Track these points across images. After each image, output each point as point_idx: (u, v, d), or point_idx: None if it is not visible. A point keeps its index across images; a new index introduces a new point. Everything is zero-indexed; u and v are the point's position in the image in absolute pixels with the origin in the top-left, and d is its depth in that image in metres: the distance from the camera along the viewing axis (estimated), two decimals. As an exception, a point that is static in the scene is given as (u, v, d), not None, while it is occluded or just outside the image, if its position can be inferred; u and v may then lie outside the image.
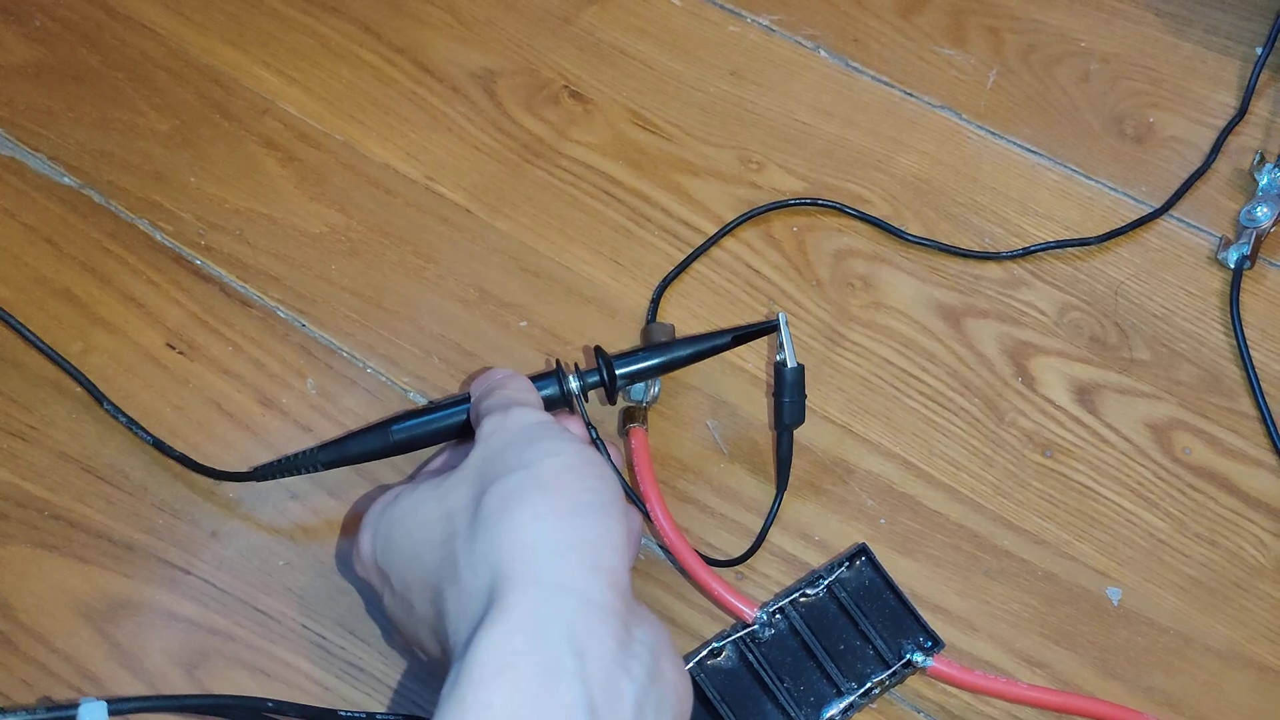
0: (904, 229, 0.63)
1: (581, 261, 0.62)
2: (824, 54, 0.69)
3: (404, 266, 0.62)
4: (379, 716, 0.50)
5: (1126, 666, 0.53)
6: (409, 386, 0.59)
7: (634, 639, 0.40)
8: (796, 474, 0.56)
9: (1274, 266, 0.63)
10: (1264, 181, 0.64)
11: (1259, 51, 0.69)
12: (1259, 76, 0.68)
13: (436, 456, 0.54)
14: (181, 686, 0.51)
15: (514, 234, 0.63)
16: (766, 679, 0.50)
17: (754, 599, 0.52)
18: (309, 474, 0.54)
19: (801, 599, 0.52)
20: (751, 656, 0.51)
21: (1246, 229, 0.63)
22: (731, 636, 0.51)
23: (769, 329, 0.55)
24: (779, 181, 0.65)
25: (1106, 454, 0.58)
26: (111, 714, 0.44)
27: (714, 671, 0.51)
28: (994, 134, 0.67)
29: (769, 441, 0.57)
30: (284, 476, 0.53)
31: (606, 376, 0.53)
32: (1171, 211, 0.65)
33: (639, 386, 0.56)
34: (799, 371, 0.55)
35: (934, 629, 0.52)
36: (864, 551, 0.54)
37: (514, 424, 0.46)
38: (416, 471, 0.55)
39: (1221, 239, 0.63)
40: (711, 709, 0.50)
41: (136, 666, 0.51)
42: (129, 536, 0.54)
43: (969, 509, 0.56)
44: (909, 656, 0.51)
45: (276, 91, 0.67)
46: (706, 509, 0.56)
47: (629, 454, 0.55)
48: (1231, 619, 0.54)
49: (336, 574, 0.54)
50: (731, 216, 0.63)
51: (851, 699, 0.50)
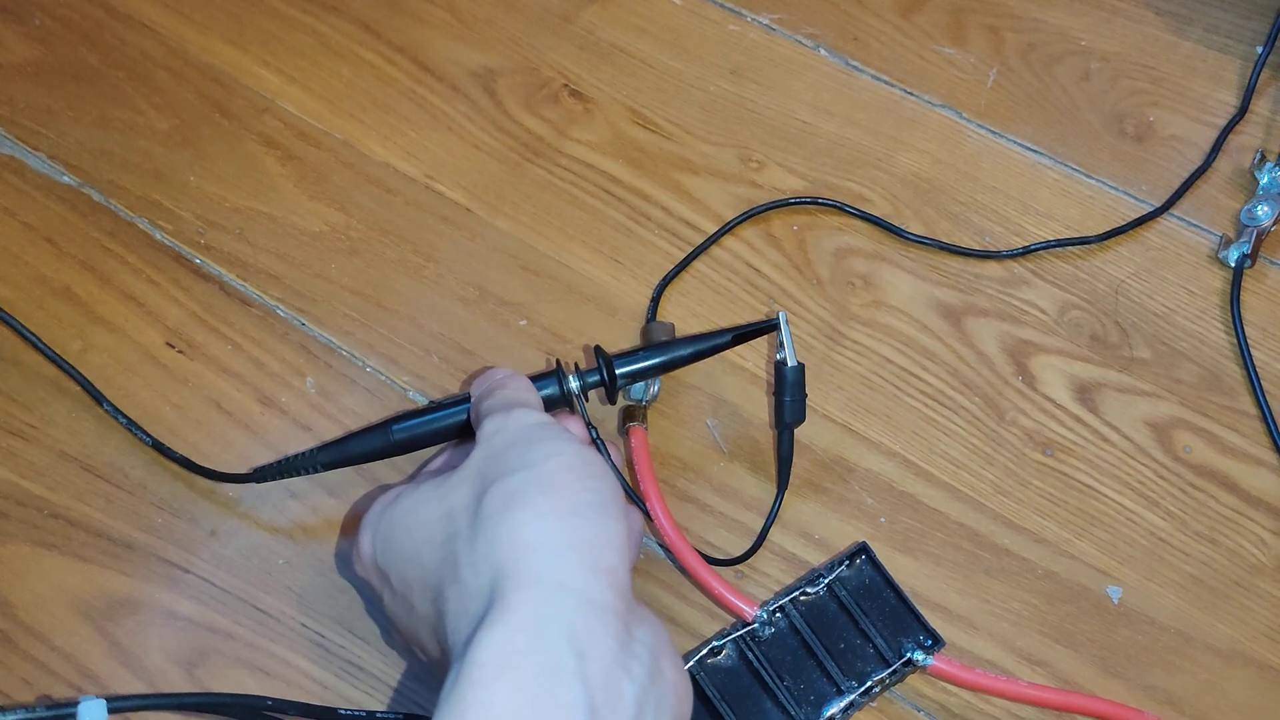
0: (904, 228, 0.63)
1: (581, 260, 0.62)
2: (824, 53, 0.69)
3: (404, 265, 0.62)
4: (378, 715, 0.50)
5: (1127, 665, 0.53)
6: (409, 385, 0.59)
7: (634, 639, 0.40)
8: (797, 473, 0.56)
9: (1275, 265, 0.63)
10: (1264, 180, 0.64)
11: (1259, 50, 0.69)
12: (1259, 75, 0.68)
13: (437, 456, 0.54)
14: (181, 685, 0.51)
15: (514, 233, 0.63)
16: (767, 678, 0.50)
17: (754, 598, 0.52)
18: (309, 475, 0.54)
19: (802, 597, 0.52)
20: (752, 655, 0.51)
21: (1247, 228, 0.63)
22: (732, 635, 0.51)
23: (769, 328, 0.55)
24: (779, 180, 0.65)
25: (1107, 453, 0.58)
26: (111, 712, 0.44)
27: (714, 670, 0.51)
28: (994, 133, 0.67)
29: (769, 440, 0.57)
30: (284, 478, 0.53)
31: (606, 376, 0.53)
32: (1172, 210, 0.65)
33: (639, 385, 0.56)
34: (799, 370, 0.55)
35: (934, 627, 0.52)
36: (864, 550, 0.53)
37: (515, 424, 0.46)
38: (417, 471, 0.55)
39: (1222, 238, 0.63)
40: (712, 708, 0.50)
41: (136, 665, 0.51)
42: (128, 535, 0.54)
43: (969, 507, 0.56)
44: (909, 655, 0.51)
45: (276, 90, 0.67)
46: (706, 508, 0.56)
47: (629, 453, 0.55)
48: (1232, 617, 0.54)
49: (336, 573, 0.54)
50: (732, 215, 0.63)
51: (852, 697, 0.50)
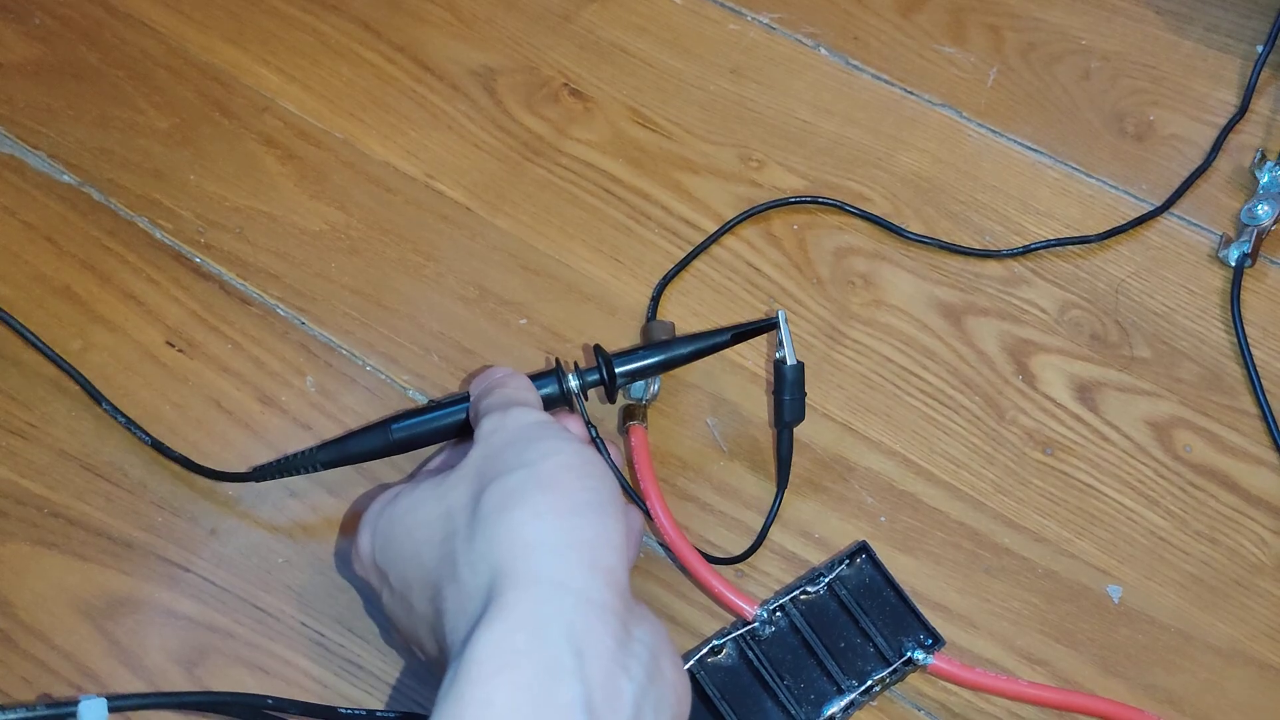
0: (904, 227, 0.63)
1: (581, 259, 0.62)
2: (824, 52, 0.69)
3: (404, 264, 0.62)
4: (378, 714, 0.50)
5: (1127, 664, 0.53)
6: (408, 384, 0.58)
7: (633, 638, 0.40)
8: (797, 472, 0.56)
9: (1275, 264, 0.63)
10: (1265, 179, 0.64)
11: (1260, 49, 0.69)
12: (1260, 74, 0.68)
13: (436, 455, 0.54)
14: (181, 684, 0.51)
15: (514, 232, 0.63)
16: (767, 677, 0.50)
17: (754, 597, 0.52)
18: (309, 474, 0.54)
19: (802, 597, 0.52)
20: (752, 654, 0.51)
21: (1247, 227, 0.63)
22: (732, 634, 0.51)
23: (769, 326, 0.55)
24: (779, 179, 0.65)
25: (1107, 452, 0.58)
26: (111, 711, 0.44)
27: (714, 669, 0.51)
28: (994, 132, 0.67)
29: (769, 439, 0.57)
30: (283, 476, 0.53)
31: (606, 375, 0.53)
32: (1172, 209, 0.65)
33: (639, 384, 0.56)
34: (799, 369, 0.55)
35: (934, 626, 0.52)
36: (864, 549, 0.53)
37: (514, 423, 0.46)
38: (416, 470, 0.55)
39: (1222, 237, 0.63)
40: (712, 707, 0.50)
41: (136, 664, 0.51)
42: (128, 534, 0.54)
43: (969, 507, 0.56)
44: (909, 654, 0.51)
45: (276, 89, 0.67)
46: (706, 507, 0.56)
47: (629, 452, 0.55)
48: (1232, 617, 0.54)
49: (335, 572, 0.54)
50: (732, 214, 0.63)
51: (852, 696, 0.50)
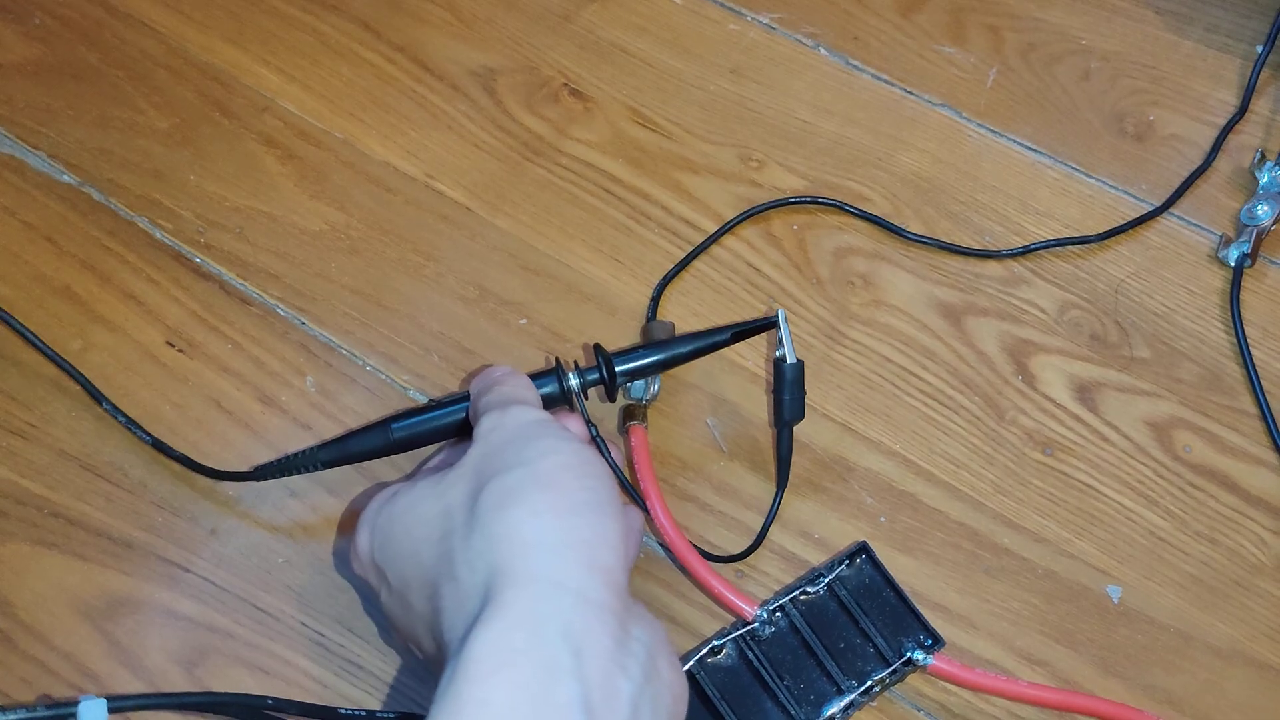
0: (904, 227, 0.63)
1: (581, 259, 0.62)
2: (824, 52, 0.69)
3: (404, 264, 0.62)
4: (378, 714, 0.50)
5: (1127, 664, 0.53)
6: (408, 384, 0.58)
7: (631, 637, 0.40)
8: (796, 472, 0.56)
9: (1274, 265, 0.63)
10: (1264, 180, 0.64)
11: (1259, 49, 0.69)
12: (1259, 74, 0.68)
13: (436, 454, 0.54)
14: (181, 684, 0.51)
15: (514, 232, 0.63)
16: (767, 677, 0.50)
17: (754, 597, 0.52)
18: (309, 473, 0.54)
19: (802, 597, 0.52)
20: (752, 654, 0.51)
21: (1247, 227, 0.63)
22: (732, 634, 0.51)
23: (768, 325, 0.55)
24: (779, 179, 0.65)
25: (1107, 452, 0.58)
26: (111, 712, 0.45)
27: (714, 670, 0.51)
28: (994, 132, 0.67)
29: (769, 439, 0.57)
30: (284, 476, 0.53)
31: (606, 374, 0.53)
32: (1172, 210, 0.65)
33: (639, 385, 0.56)
34: (798, 368, 0.55)
35: (934, 627, 0.52)
36: (864, 549, 0.53)
37: (512, 421, 0.46)
38: (416, 469, 0.55)
39: (1222, 237, 0.63)
40: (712, 707, 0.50)
41: (136, 664, 0.51)
42: (128, 534, 0.54)
43: (969, 507, 0.56)
44: (909, 654, 0.51)
45: (276, 89, 0.67)
46: (706, 507, 0.56)
47: (629, 452, 0.55)
48: (1232, 617, 0.54)
49: (335, 572, 0.54)
50: (732, 214, 0.63)
51: (852, 697, 0.50)
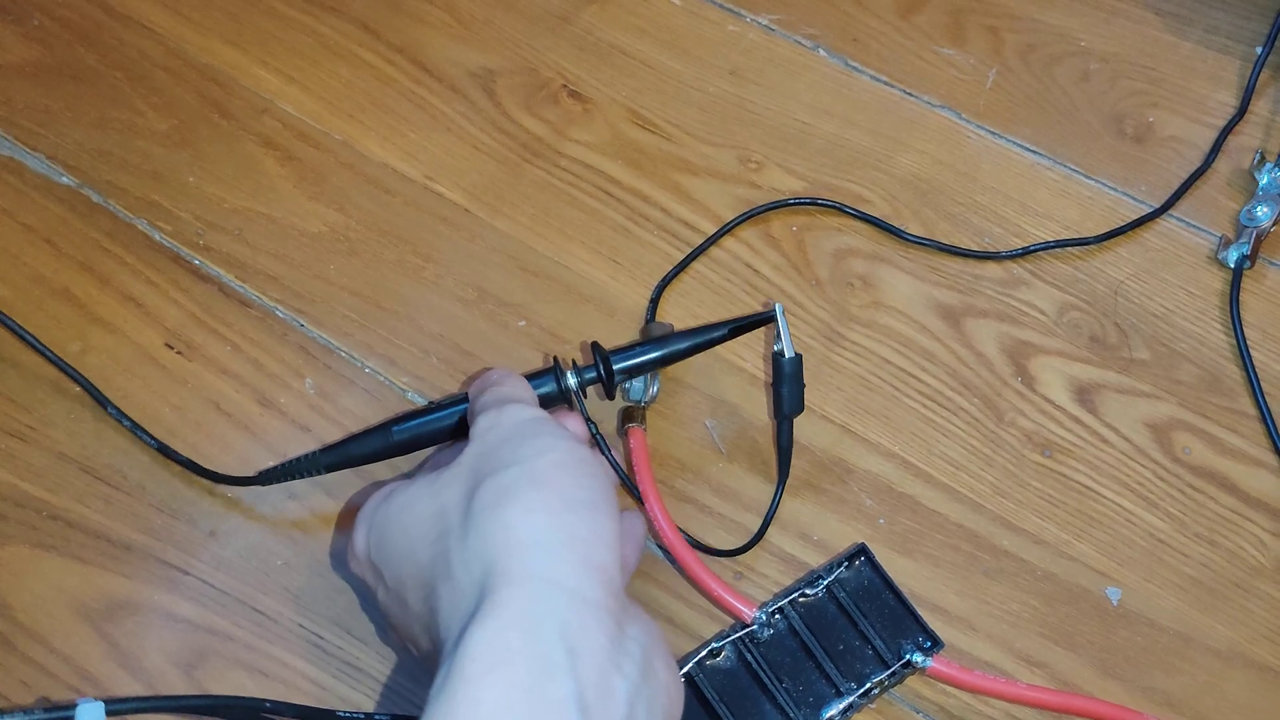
0: (903, 229, 0.63)
1: (581, 261, 0.62)
2: (823, 53, 0.69)
3: (403, 266, 0.62)
4: (376, 716, 0.50)
5: (1126, 666, 0.53)
6: (408, 386, 0.58)
7: (626, 637, 0.40)
8: (796, 474, 0.56)
9: (1274, 266, 0.63)
10: (1264, 181, 0.64)
11: (1259, 51, 0.69)
12: (1259, 76, 0.68)
13: (433, 455, 0.54)
14: (179, 687, 0.51)
15: (513, 233, 0.63)
16: (765, 679, 0.50)
17: (753, 599, 0.52)
18: (311, 477, 0.53)
19: (800, 599, 0.52)
20: (750, 657, 0.51)
21: (1246, 228, 0.63)
22: (730, 637, 0.51)
23: (765, 319, 0.55)
24: (778, 181, 0.65)
25: (1106, 454, 0.58)
26: (110, 714, 0.45)
27: (713, 672, 0.51)
28: (993, 133, 0.67)
29: (768, 441, 0.57)
30: (287, 480, 0.53)
31: (604, 371, 0.53)
32: (1171, 211, 0.65)
33: (638, 386, 0.56)
34: (797, 361, 0.55)
35: (933, 629, 0.52)
36: (863, 551, 0.53)
37: (508, 420, 0.46)
38: (414, 468, 0.55)
39: (1221, 238, 0.63)
40: (710, 709, 0.50)
41: (135, 667, 0.51)
42: (127, 537, 0.54)
43: (968, 509, 0.56)
44: (908, 656, 0.51)
45: (275, 91, 0.67)
46: (705, 508, 0.56)
47: (628, 454, 0.55)
48: (1231, 619, 0.54)
49: (334, 574, 0.54)
50: (731, 216, 0.63)
51: (851, 699, 0.50)
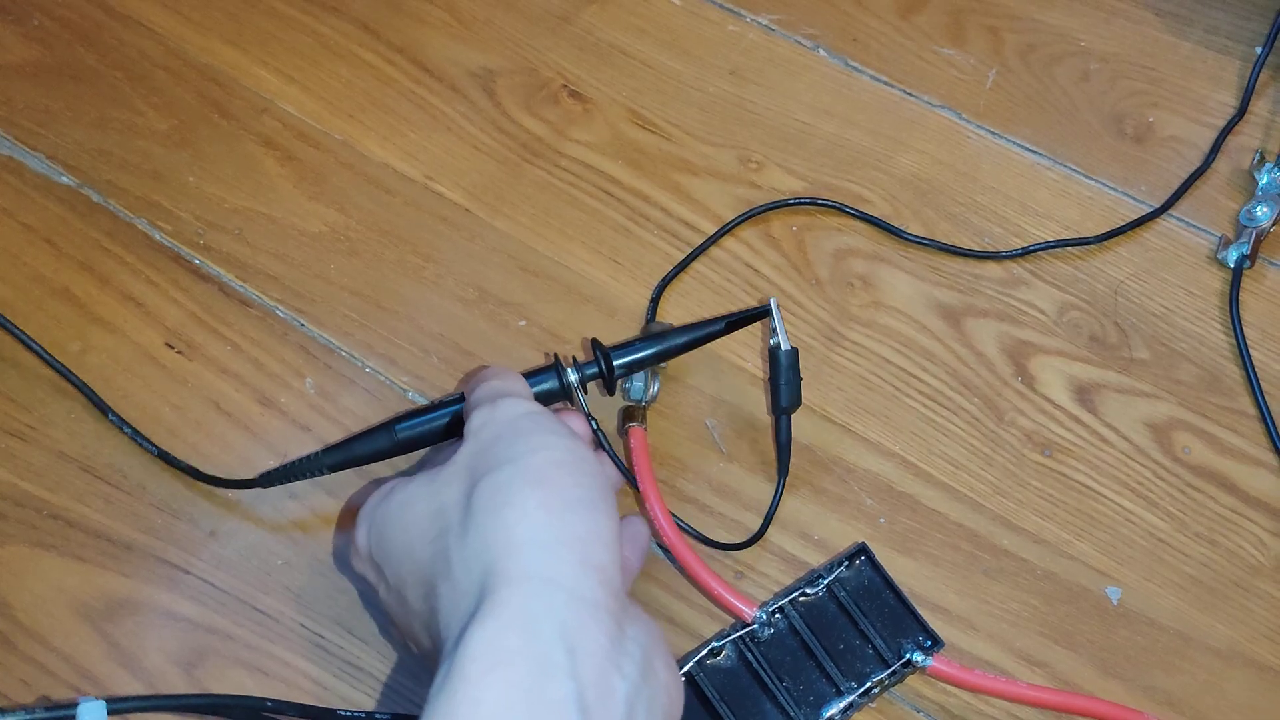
0: (904, 228, 0.63)
1: (581, 261, 0.62)
2: (824, 53, 0.69)
3: (403, 266, 0.62)
4: (377, 715, 0.50)
5: (1126, 666, 0.53)
6: (408, 386, 0.58)
7: (626, 636, 0.40)
8: (796, 473, 0.56)
9: (1274, 266, 0.63)
10: (1264, 181, 0.64)
11: (1259, 51, 0.69)
12: (1259, 76, 0.68)
13: (431, 451, 0.54)
14: (180, 686, 0.51)
15: (513, 233, 0.63)
16: (766, 678, 0.50)
17: (753, 598, 0.52)
18: (314, 478, 0.53)
19: (801, 598, 0.52)
20: (751, 656, 0.51)
21: (1246, 228, 0.63)
22: (731, 636, 0.51)
23: (761, 314, 0.55)
24: (778, 181, 0.65)
25: (1106, 453, 0.58)
26: (110, 713, 0.45)
27: (713, 671, 0.51)
28: (993, 133, 0.67)
29: (769, 440, 0.57)
30: (290, 481, 0.53)
31: (604, 367, 0.53)
32: (1171, 211, 0.65)
33: (638, 386, 0.56)
34: (793, 354, 0.55)
35: (933, 628, 0.52)
36: (863, 551, 0.53)
37: (502, 415, 0.45)
38: (413, 466, 0.55)
39: (1221, 238, 0.63)
40: (711, 708, 0.50)
41: (135, 666, 0.51)
42: (127, 536, 0.54)
43: (968, 508, 0.56)
44: (909, 656, 0.51)
45: (275, 91, 0.67)
46: (706, 508, 0.56)
47: (628, 453, 0.55)
48: (1231, 618, 0.54)
49: (335, 573, 0.54)
50: (731, 216, 0.63)
51: (851, 698, 0.50)
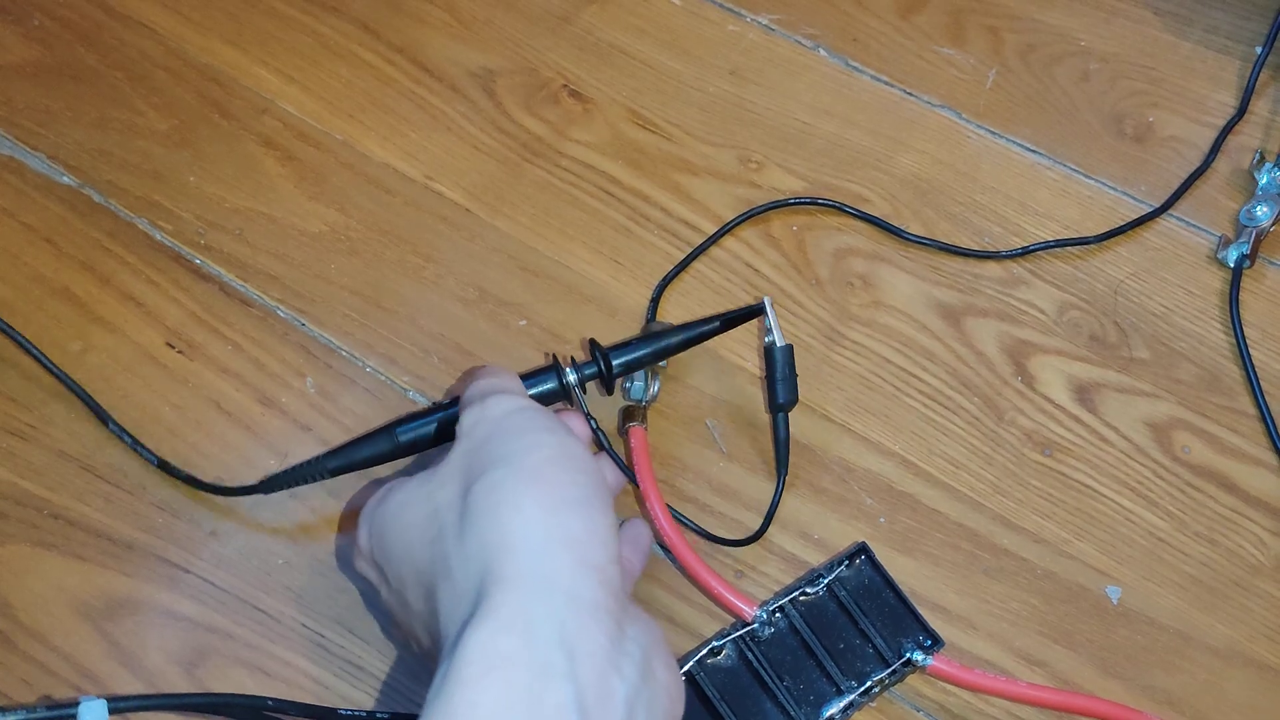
0: (904, 228, 0.63)
1: (581, 261, 0.62)
2: (824, 53, 0.69)
3: (403, 266, 0.62)
4: (378, 715, 0.50)
5: (1126, 665, 0.53)
6: (408, 385, 0.59)
7: (626, 637, 0.40)
8: (797, 473, 0.56)
9: (1273, 265, 0.63)
10: (1263, 181, 0.64)
11: (1259, 51, 0.69)
12: (1258, 76, 0.68)
13: (436, 452, 0.54)
14: (181, 685, 0.51)
15: (513, 233, 0.63)
16: (766, 678, 0.50)
17: (754, 598, 0.52)
18: (316, 482, 0.53)
19: (801, 598, 0.52)
20: (751, 655, 0.51)
21: (1246, 228, 0.63)
22: (731, 635, 0.51)
23: (755, 312, 0.56)
24: (778, 181, 0.65)
25: (1106, 453, 0.58)
26: (111, 713, 0.45)
27: (714, 670, 0.51)
28: (993, 133, 0.67)
29: (769, 440, 0.57)
30: (291, 486, 0.53)
31: (603, 366, 0.53)
32: (1171, 211, 0.65)
33: (638, 386, 0.56)
34: (788, 350, 0.56)
35: (934, 627, 0.52)
36: (863, 550, 0.53)
37: (492, 413, 0.45)
38: (411, 465, 0.55)
39: (1221, 238, 0.63)
40: (711, 708, 0.50)
41: (136, 665, 0.51)
42: (128, 535, 0.54)
43: (968, 508, 0.56)
44: (909, 655, 0.51)
45: (276, 91, 0.67)
46: (706, 507, 0.56)
47: (629, 453, 0.55)
48: (1231, 618, 0.54)
49: (335, 572, 0.54)
50: (731, 216, 0.63)
51: (851, 698, 0.50)
